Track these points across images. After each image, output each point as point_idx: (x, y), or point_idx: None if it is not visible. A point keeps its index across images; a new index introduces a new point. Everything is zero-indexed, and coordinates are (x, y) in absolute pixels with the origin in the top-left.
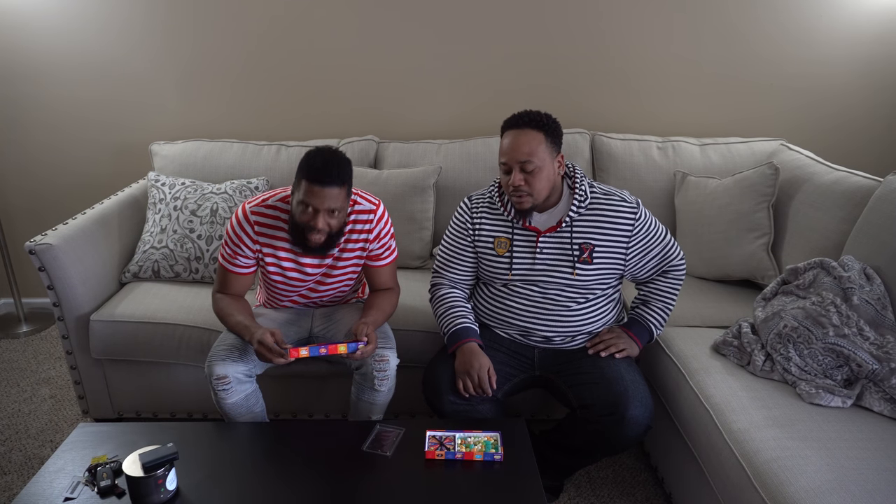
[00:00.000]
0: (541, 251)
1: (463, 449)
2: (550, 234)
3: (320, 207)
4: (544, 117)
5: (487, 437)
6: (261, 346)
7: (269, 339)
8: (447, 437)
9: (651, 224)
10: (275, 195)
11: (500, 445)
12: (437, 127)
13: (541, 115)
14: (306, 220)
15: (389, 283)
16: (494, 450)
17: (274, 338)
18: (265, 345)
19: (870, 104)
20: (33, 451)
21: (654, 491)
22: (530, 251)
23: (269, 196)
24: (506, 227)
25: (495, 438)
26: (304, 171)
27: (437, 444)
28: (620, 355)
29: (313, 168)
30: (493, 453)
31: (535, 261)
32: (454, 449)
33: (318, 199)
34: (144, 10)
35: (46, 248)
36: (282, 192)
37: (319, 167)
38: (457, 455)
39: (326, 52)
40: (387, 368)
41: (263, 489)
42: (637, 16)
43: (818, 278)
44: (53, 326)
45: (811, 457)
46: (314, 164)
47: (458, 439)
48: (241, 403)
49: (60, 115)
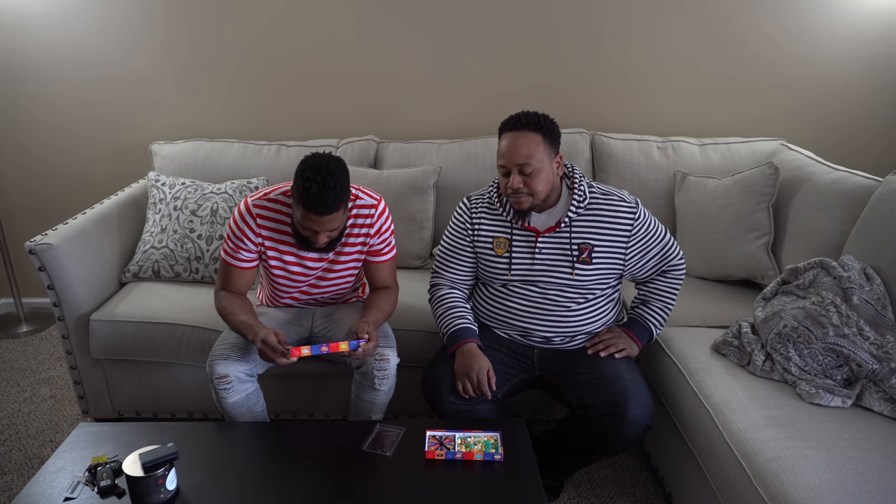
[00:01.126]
0: (540, 251)
1: (463, 449)
2: (549, 235)
3: (320, 230)
4: (542, 118)
5: (487, 436)
6: (264, 346)
7: (273, 339)
8: (447, 437)
9: (650, 223)
10: (276, 189)
11: (501, 445)
12: (437, 127)
13: (538, 117)
14: (307, 234)
15: (389, 280)
16: (494, 450)
17: (277, 338)
18: (268, 344)
19: (870, 104)
20: (33, 451)
21: (654, 491)
22: (529, 251)
23: (270, 190)
24: (505, 227)
25: (495, 438)
26: (302, 198)
27: (437, 443)
28: (620, 355)
29: (311, 197)
30: (493, 453)
31: (534, 261)
32: (454, 449)
33: (318, 224)
34: (144, 9)
35: (46, 247)
36: (284, 186)
37: (316, 196)
38: (457, 455)
39: (326, 52)
40: (387, 367)
41: (264, 489)
42: (637, 15)
43: (818, 278)
44: (53, 326)
45: (811, 457)
46: (311, 193)
47: (458, 439)
48: (241, 403)
49: (60, 115)
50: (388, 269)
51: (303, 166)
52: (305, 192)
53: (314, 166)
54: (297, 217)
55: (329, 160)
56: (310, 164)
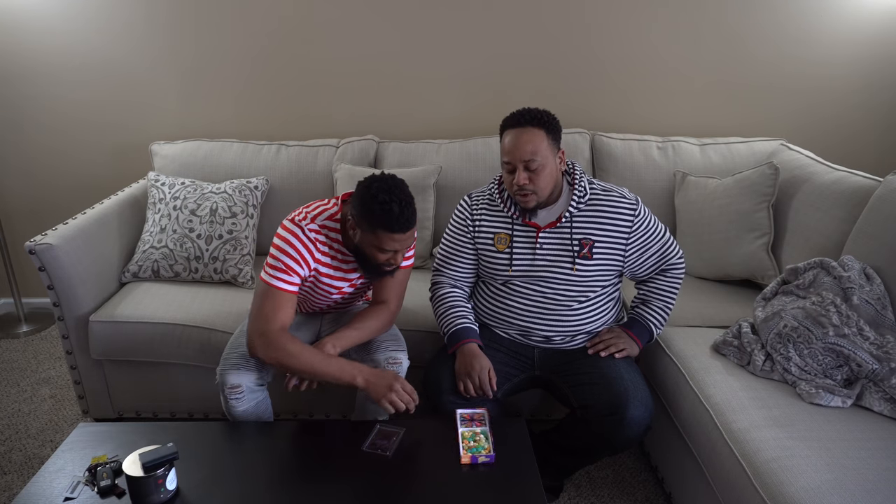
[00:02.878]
0: (541, 246)
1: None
2: (550, 230)
3: (401, 249)
4: (543, 114)
5: (475, 432)
6: (396, 393)
7: (408, 386)
8: (477, 413)
9: (650, 221)
10: (319, 213)
11: (490, 441)
12: (437, 127)
13: (540, 113)
14: (387, 258)
15: (391, 296)
16: (479, 451)
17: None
18: (398, 391)
19: (870, 104)
20: (33, 451)
21: (654, 491)
22: (530, 247)
23: (315, 214)
24: (506, 223)
25: (485, 434)
26: (383, 220)
27: (469, 420)
28: (620, 355)
29: (393, 217)
30: (476, 456)
31: (535, 256)
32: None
33: (399, 243)
34: (144, 10)
35: (46, 248)
36: (324, 210)
37: (398, 215)
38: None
39: (326, 52)
40: (399, 370)
41: (263, 489)
42: (637, 16)
43: (818, 278)
44: (53, 326)
45: (811, 457)
46: (394, 213)
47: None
48: (251, 411)
49: (61, 116)
50: (392, 285)
51: (372, 190)
52: (387, 213)
53: (385, 188)
54: (374, 242)
55: (392, 179)
56: (378, 186)
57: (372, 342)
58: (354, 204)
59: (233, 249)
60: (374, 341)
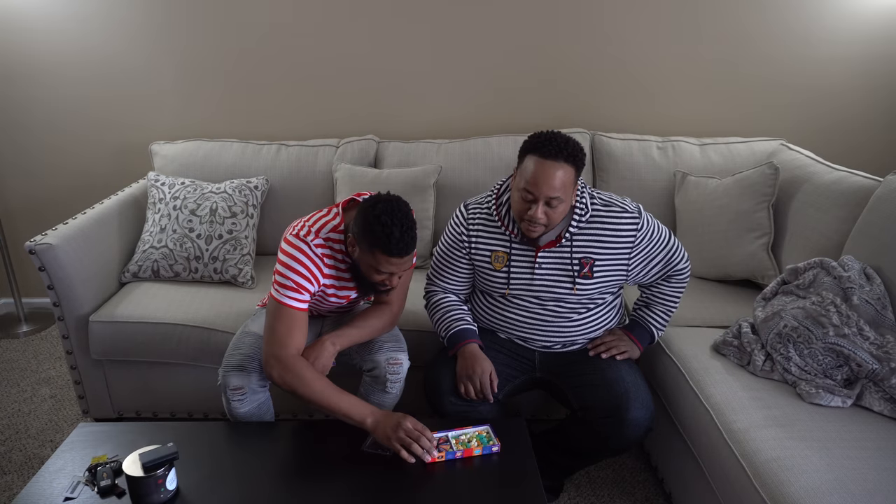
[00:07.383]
0: (539, 266)
1: (461, 447)
2: (550, 250)
3: (398, 272)
4: (576, 148)
5: (479, 430)
6: (405, 432)
7: (416, 424)
8: (441, 439)
9: (653, 231)
10: (322, 226)
11: (494, 436)
12: (437, 126)
13: (574, 146)
14: (382, 279)
15: (394, 296)
16: (490, 441)
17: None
18: (408, 430)
19: (870, 104)
20: (33, 451)
21: (654, 491)
22: (529, 266)
23: (319, 227)
24: (503, 241)
25: (487, 431)
26: (383, 244)
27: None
28: (621, 357)
29: (394, 241)
30: (490, 445)
31: (533, 276)
32: (452, 449)
33: (397, 267)
34: (144, 9)
35: (46, 248)
36: (327, 222)
37: (399, 239)
38: (456, 454)
39: (326, 52)
40: (399, 371)
41: (263, 489)
42: (637, 15)
43: (818, 278)
44: (53, 326)
45: (811, 457)
46: (394, 237)
47: (451, 439)
48: (253, 412)
49: (60, 115)
50: (400, 286)
51: (375, 211)
52: (388, 237)
53: (388, 210)
54: (372, 262)
55: (398, 201)
56: (382, 208)
57: (373, 342)
58: (357, 221)
59: (233, 249)
60: (374, 341)
